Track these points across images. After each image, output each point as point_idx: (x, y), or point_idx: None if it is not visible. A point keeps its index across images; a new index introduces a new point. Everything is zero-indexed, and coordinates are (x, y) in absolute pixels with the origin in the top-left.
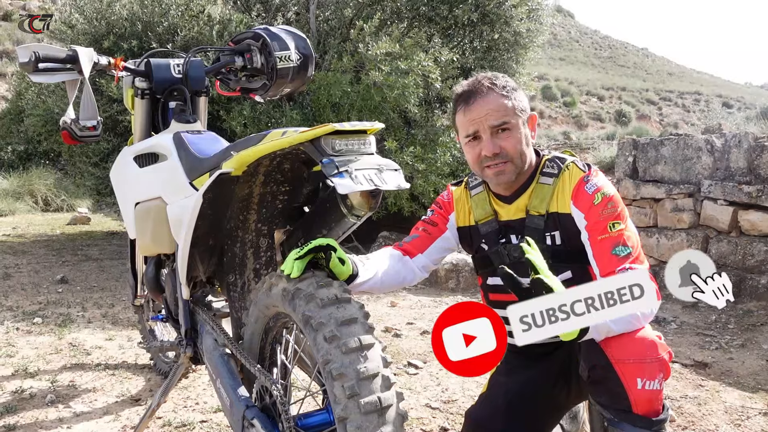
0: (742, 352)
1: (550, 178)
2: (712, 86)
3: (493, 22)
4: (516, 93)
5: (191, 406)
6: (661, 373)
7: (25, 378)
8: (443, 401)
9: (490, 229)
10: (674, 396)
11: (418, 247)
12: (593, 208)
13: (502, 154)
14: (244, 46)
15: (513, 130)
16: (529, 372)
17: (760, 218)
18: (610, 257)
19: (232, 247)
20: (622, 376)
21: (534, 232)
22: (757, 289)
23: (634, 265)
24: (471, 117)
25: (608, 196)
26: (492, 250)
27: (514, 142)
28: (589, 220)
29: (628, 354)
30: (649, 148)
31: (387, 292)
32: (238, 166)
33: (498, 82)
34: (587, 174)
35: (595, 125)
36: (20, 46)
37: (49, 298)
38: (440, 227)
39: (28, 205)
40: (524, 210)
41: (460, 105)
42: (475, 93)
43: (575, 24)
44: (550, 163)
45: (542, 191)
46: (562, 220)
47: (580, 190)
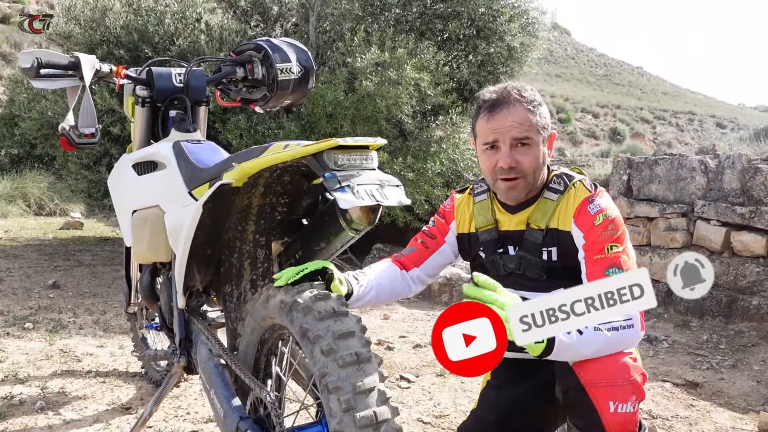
0: (733, 373)
1: (555, 194)
2: (705, 106)
3: (488, 37)
4: (541, 109)
5: (182, 416)
6: (634, 395)
7: (15, 384)
8: (435, 416)
9: (489, 238)
10: (665, 415)
11: (414, 261)
12: (593, 228)
13: (518, 169)
14: (245, 57)
15: (533, 146)
16: (519, 388)
17: (752, 239)
18: (601, 276)
19: (229, 258)
20: (594, 400)
21: (531, 246)
22: (749, 309)
23: None
24: (493, 126)
25: (610, 218)
26: (489, 259)
27: (531, 158)
28: (588, 239)
29: (600, 377)
30: (643, 167)
31: (383, 304)
32: (239, 178)
33: (526, 94)
34: (592, 194)
35: (590, 142)
36: (23, 52)
37: (41, 304)
38: (438, 240)
39: (21, 208)
40: (525, 222)
41: (483, 112)
42: (501, 102)
43: (571, 41)
44: (557, 179)
45: (545, 206)
46: (561, 237)
47: (583, 210)
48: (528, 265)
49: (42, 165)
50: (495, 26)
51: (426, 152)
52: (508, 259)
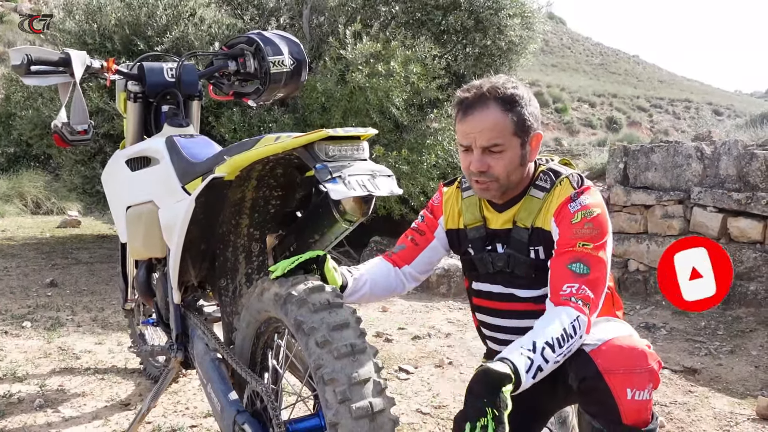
0: (731, 359)
1: (541, 192)
2: (702, 94)
3: (486, 29)
4: (521, 108)
5: (181, 411)
6: (651, 383)
7: (14, 382)
8: (434, 407)
9: (477, 235)
10: (664, 402)
11: (405, 259)
12: (570, 226)
13: (488, 174)
14: (237, 50)
15: (505, 152)
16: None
17: (749, 225)
18: (564, 270)
19: (224, 252)
20: (612, 387)
21: (518, 244)
22: (746, 295)
23: (579, 299)
24: (465, 129)
25: (589, 217)
26: (477, 256)
27: (503, 164)
28: (562, 236)
29: (618, 365)
30: (639, 154)
31: (377, 301)
32: (231, 171)
33: (505, 92)
34: (577, 191)
35: (587, 131)
36: (13, 49)
37: (39, 302)
38: (427, 236)
39: (18, 207)
40: (512, 221)
41: (458, 112)
42: (474, 104)
43: (567, 31)
44: (544, 176)
45: (531, 204)
46: (544, 236)
47: (563, 209)
48: (516, 264)
49: (38, 164)
50: (496, 20)
51: (421, 144)
52: (496, 257)
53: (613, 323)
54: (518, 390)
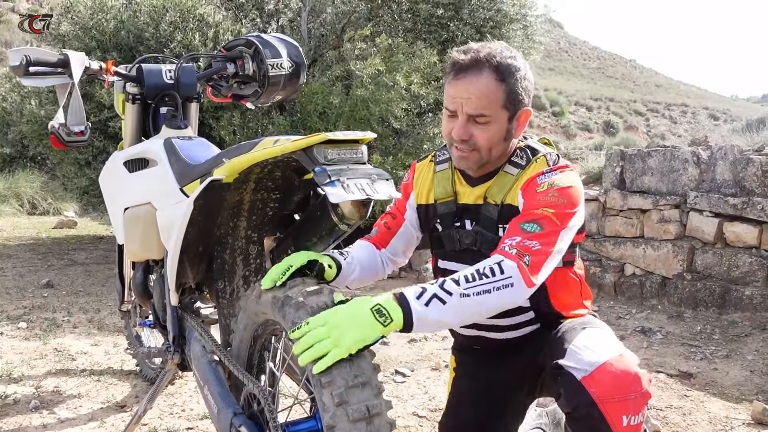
0: (727, 363)
1: (516, 168)
2: (698, 98)
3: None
4: (516, 80)
5: (177, 413)
6: (645, 405)
7: (9, 383)
8: (430, 409)
9: (447, 210)
10: (660, 406)
11: (380, 242)
12: (535, 194)
13: (471, 143)
14: (236, 53)
15: (491, 123)
16: (490, 376)
17: (744, 230)
18: (515, 228)
19: (221, 254)
20: (607, 415)
21: (487, 221)
22: (742, 300)
23: (515, 248)
24: (453, 93)
25: (556, 186)
26: (445, 233)
27: (487, 135)
28: (526, 204)
29: (613, 393)
30: (636, 159)
31: (364, 285)
32: (229, 173)
33: (501, 60)
34: (551, 168)
35: (584, 135)
36: (12, 50)
37: (35, 303)
38: (398, 219)
39: (14, 208)
40: (483, 197)
41: (450, 73)
42: (468, 68)
43: (564, 34)
44: (521, 152)
45: (503, 180)
46: (512, 213)
47: (531, 182)
48: (484, 241)
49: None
50: (497, 32)
51: (419, 149)
52: (464, 234)
53: (597, 336)
54: (412, 316)
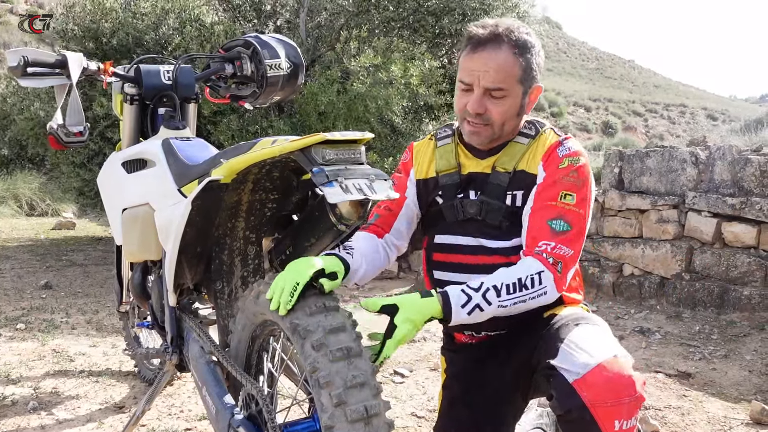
0: (725, 363)
1: (526, 138)
2: (697, 99)
3: None
4: (532, 55)
5: (176, 414)
6: (638, 409)
7: (8, 384)
8: (429, 410)
9: (449, 182)
10: (658, 406)
11: (383, 227)
12: (557, 170)
13: (485, 117)
14: (234, 53)
15: (507, 98)
16: (483, 375)
17: (743, 230)
18: (543, 225)
19: (219, 255)
20: (598, 420)
21: (496, 189)
22: (740, 300)
23: (551, 256)
24: (470, 66)
25: (575, 165)
26: (447, 204)
27: (502, 110)
28: (546, 179)
29: (605, 397)
30: (634, 159)
31: (368, 280)
32: (227, 174)
33: (518, 36)
34: (564, 137)
35: (582, 136)
36: (9, 50)
37: (33, 304)
38: (400, 198)
39: (12, 209)
40: (491, 166)
41: (467, 47)
42: (485, 41)
43: (563, 35)
44: (528, 124)
45: (514, 150)
46: (527, 180)
47: (552, 152)
48: (489, 211)
49: (33, 165)
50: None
51: None
52: (468, 204)
53: (591, 335)
54: (451, 322)
